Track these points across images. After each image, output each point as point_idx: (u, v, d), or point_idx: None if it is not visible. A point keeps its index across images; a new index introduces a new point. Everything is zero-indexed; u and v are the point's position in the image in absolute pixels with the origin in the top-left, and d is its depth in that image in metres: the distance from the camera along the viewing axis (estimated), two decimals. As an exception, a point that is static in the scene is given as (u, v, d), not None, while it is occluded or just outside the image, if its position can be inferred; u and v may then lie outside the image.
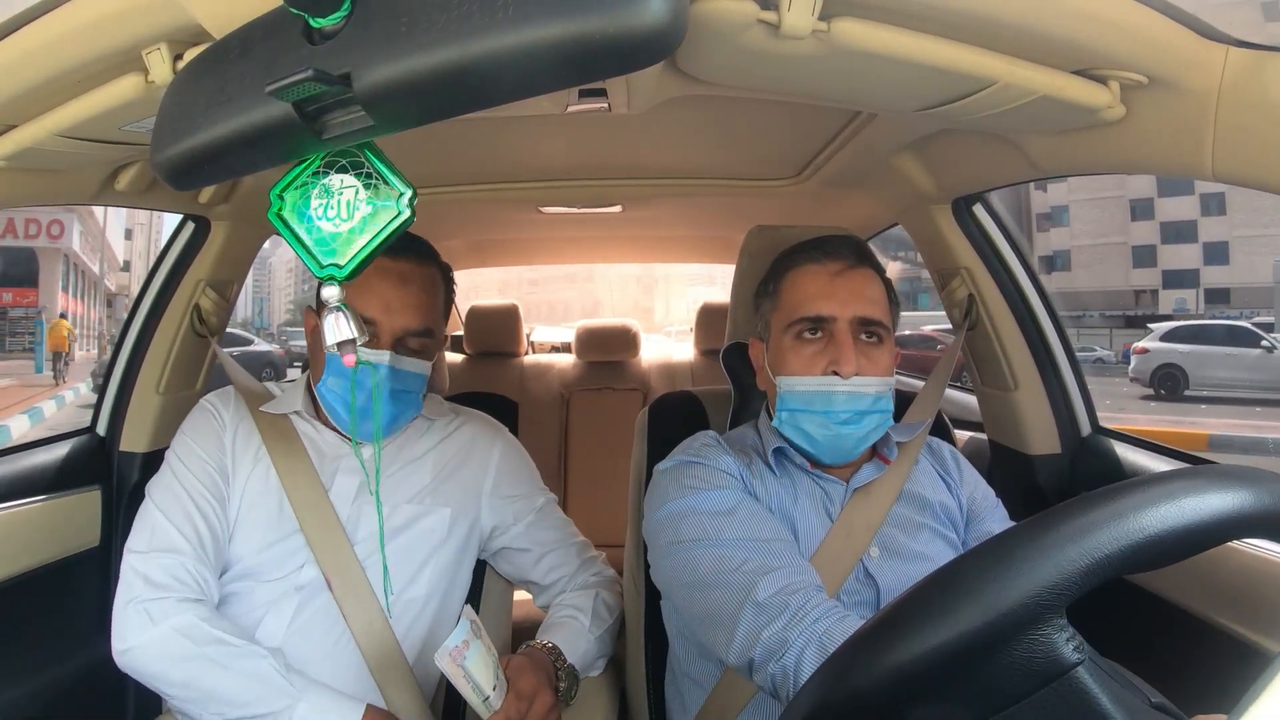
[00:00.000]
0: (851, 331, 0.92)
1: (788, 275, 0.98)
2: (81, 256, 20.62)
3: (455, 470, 1.11)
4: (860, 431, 0.92)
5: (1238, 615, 0.93)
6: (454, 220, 2.20)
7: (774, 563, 0.81)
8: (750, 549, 0.83)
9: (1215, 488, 0.47)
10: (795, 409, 0.93)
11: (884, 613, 0.50)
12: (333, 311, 0.70)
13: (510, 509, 1.13)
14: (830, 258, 0.96)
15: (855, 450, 0.94)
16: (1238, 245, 25.38)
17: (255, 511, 1.02)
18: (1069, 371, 1.37)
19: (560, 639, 1.03)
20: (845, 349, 0.90)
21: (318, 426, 1.07)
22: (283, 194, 0.68)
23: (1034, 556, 0.45)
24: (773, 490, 0.95)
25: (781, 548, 0.85)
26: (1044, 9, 0.68)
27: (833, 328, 0.92)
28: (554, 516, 1.17)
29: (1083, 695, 0.44)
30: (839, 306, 0.92)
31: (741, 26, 0.67)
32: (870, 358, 0.92)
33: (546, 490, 1.19)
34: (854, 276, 0.94)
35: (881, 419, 0.93)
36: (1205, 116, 0.73)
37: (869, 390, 0.91)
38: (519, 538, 1.13)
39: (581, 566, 1.15)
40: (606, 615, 1.11)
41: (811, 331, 0.93)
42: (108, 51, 0.72)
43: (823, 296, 0.93)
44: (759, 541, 0.84)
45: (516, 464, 1.17)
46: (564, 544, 1.16)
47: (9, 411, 9.69)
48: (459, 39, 0.50)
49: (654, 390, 2.67)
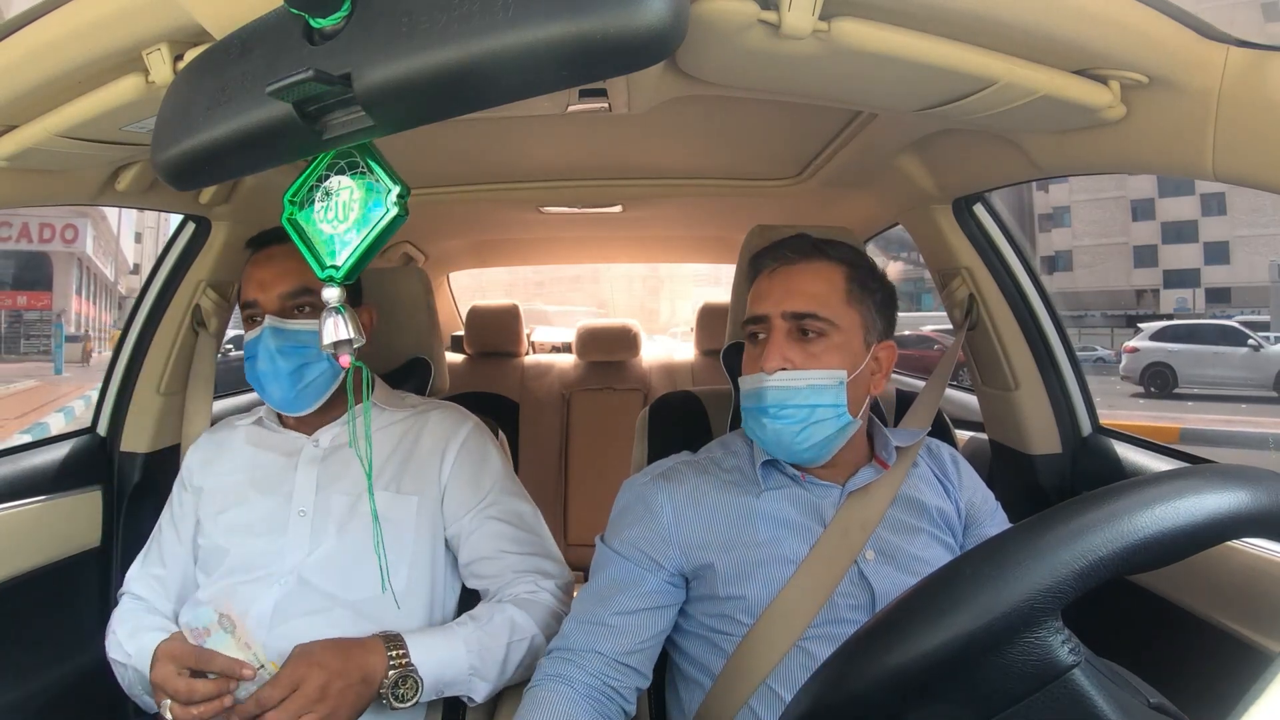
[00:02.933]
0: (783, 328, 0.91)
1: (755, 282, 1.00)
2: (94, 260, 20.73)
3: (420, 458, 1.10)
4: (797, 427, 0.90)
5: (1238, 615, 0.92)
6: (454, 220, 2.20)
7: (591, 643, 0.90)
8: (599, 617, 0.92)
9: (1210, 488, 0.47)
10: (746, 408, 0.94)
11: (879, 616, 0.50)
12: (331, 314, 0.70)
13: (459, 499, 1.09)
14: (774, 258, 0.96)
15: (805, 448, 0.91)
16: (1238, 245, 25.38)
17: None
18: (1069, 371, 1.37)
19: (421, 637, 0.97)
20: (771, 345, 0.91)
21: (278, 429, 1.13)
22: (294, 198, 0.68)
23: (1028, 560, 0.45)
24: (760, 506, 0.95)
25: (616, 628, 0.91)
26: (1044, 9, 0.68)
27: (766, 328, 0.93)
28: (499, 524, 1.09)
29: (1079, 697, 0.44)
30: (771, 304, 0.93)
31: (742, 26, 0.67)
32: (807, 352, 0.91)
33: (507, 491, 1.13)
34: (791, 273, 0.94)
35: (830, 413, 0.90)
36: (1206, 116, 0.73)
37: (797, 384, 0.90)
38: (459, 534, 1.09)
39: (515, 580, 1.07)
40: (504, 634, 1.00)
41: (754, 334, 0.95)
42: (108, 52, 0.72)
43: (759, 297, 0.95)
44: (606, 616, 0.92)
45: (476, 452, 1.13)
46: (496, 558, 1.08)
47: (44, 410, 10.40)
48: (459, 39, 0.50)
49: (655, 390, 2.67)
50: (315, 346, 1.02)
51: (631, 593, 0.93)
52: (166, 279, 1.42)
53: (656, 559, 0.94)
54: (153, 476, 1.39)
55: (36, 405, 11.19)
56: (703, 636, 0.95)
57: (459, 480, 1.10)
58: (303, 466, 1.08)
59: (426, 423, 1.13)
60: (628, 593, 0.93)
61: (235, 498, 1.08)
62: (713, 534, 0.94)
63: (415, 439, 1.11)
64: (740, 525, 0.94)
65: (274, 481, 1.08)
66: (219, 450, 1.14)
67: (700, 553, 0.94)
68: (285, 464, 1.09)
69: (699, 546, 0.94)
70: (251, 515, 1.06)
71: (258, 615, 0.99)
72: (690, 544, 0.94)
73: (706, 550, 0.93)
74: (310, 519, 1.05)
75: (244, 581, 1.02)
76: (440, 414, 1.15)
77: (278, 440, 1.12)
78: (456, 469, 1.11)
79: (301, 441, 1.10)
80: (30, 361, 17.81)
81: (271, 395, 1.07)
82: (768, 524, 0.94)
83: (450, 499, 1.10)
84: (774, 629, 0.89)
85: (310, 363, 1.05)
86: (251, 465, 1.11)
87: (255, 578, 1.02)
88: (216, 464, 1.13)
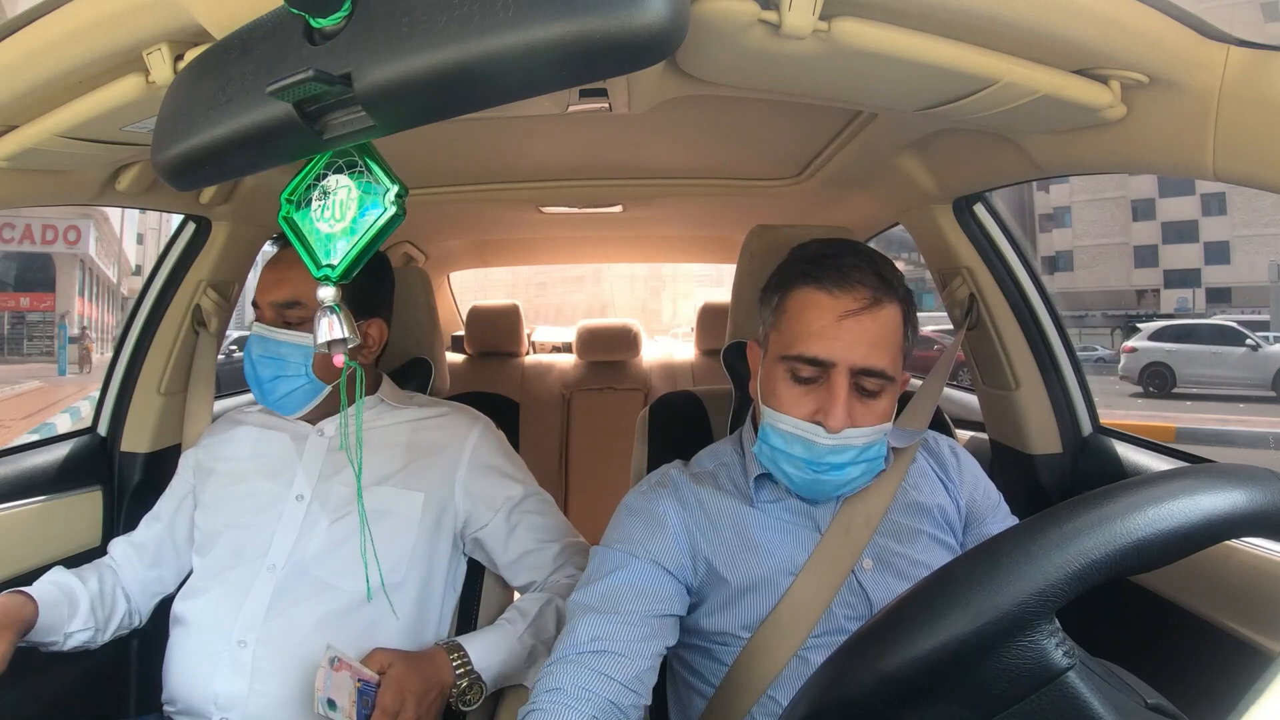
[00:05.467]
0: (849, 382, 0.84)
1: (794, 294, 0.89)
2: (97, 262, 20.74)
3: (429, 456, 1.11)
4: (843, 479, 0.87)
5: (1238, 615, 0.92)
6: (454, 220, 2.20)
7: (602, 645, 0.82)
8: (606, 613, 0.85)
9: (1205, 489, 0.47)
10: (775, 447, 0.87)
11: (873, 621, 0.50)
12: (326, 314, 0.70)
13: (484, 499, 1.11)
14: (845, 291, 0.85)
15: (835, 494, 0.90)
16: (1238, 245, 25.36)
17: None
18: (1070, 371, 1.37)
19: (479, 641, 1.01)
20: (836, 402, 0.83)
21: (290, 418, 1.14)
22: (290, 197, 0.68)
23: (1020, 563, 0.45)
24: (757, 515, 0.93)
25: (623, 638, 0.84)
26: (1045, 8, 0.68)
27: (827, 376, 0.84)
28: (534, 516, 1.12)
29: (1074, 700, 0.44)
30: (841, 351, 0.83)
31: (742, 26, 0.67)
32: (867, 407, 0.85)
33: (529, 483, 1.15)
34: (865, 319, 0.84)
35: (869, 466, 0.87)
36: (1206, 116, 0.73)
37: (855, 442, 0.84)
38: (494, 534, 1.11)
39: (555, 570, 1.10)
40: (551, 626, 1.05)
41: (806, 372, 0.85)
42: (109, 52, 0.72)
43: (825, 338, 0.84)
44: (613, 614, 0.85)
45: (492, 451, 1.14)
46: (539, 549, 1.11)
47: (50, 411, 10.57)
48: (459, 39, 0.50)
49: (655, 390, 2.67)
50: (293, 360, 1.06)
51: (647, 598, 0.87)
52: (167, 279, 1.42)
53: (667, 566, 0.90)
54: (153, 476, 1.39)
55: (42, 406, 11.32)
56: (703, 648, 0.93)
57: (479, 481, 1.11)
58: (308, 453, 1.10)
59: (436, 422, 1.15)
60: (643, 597, 0.86)
61: (238, 478, 1.11)
62: (716, 543, 0.92)
63: (425, 437, 1.12)
64: (740, 535, 0.92)
65: (278, 466, 1.10)
66: (227, 435, 1.16)
67: (704, 561, 0.91)
68: (291, 449, 1.11)
69: (703, 555, 0.91)
70: (252, 497, 1.08)
71: (253, 611, 1.00)
72: (696, 552, 0.91)
73: (711, 558, 0.91)
74: (307, 504, 1.06)
75: (237, 567, 1.04)
76: (451, 414, 1.16)
77: (286, 425, 1.14)
78: (473, 469, 1.12)
79: (308, 429, 1.12)
80: (34, 363, 17.86)
81: (257, 397, 1.10)
82: (765, 534, 0.92)
83: (471, 499, 1.11)
84: (774, 638, 0.88)
85: (284, 375, 1.07)
86: (257, 449, 1.13)
87: (248, 562, 1.04)
88: (225, 447, 1.15)
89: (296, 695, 0.97)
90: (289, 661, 0.98)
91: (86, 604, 1.05)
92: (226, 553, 1.06)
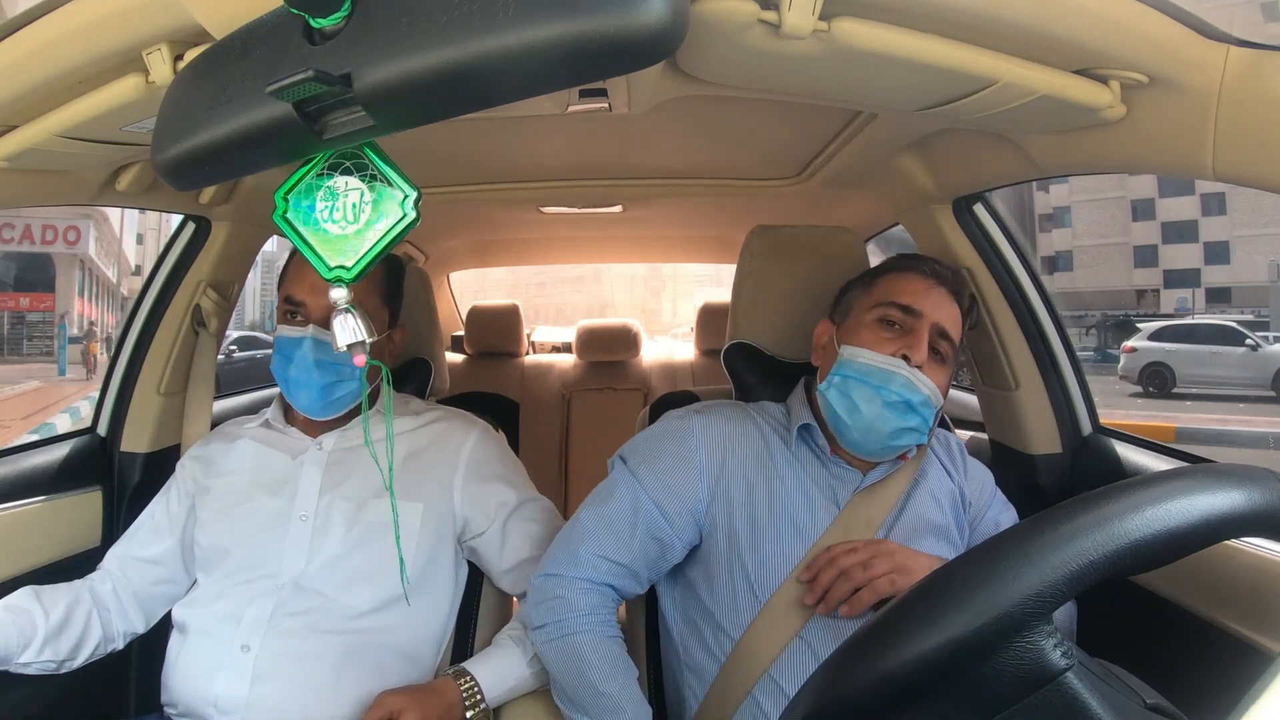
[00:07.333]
0: (930, 334, 0.96)
1: (888, 274, 1.03)
2: (97, 262, 20.73)
3: (427, 464, 1.10)
4: (900, 422, 0.94)
5: (1238, 615, 0.92)
6: (454, 220, 2.20)
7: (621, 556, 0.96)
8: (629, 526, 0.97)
9: (1202, 489, 0.47)
10: (850, 375, 0.96)
11: (872, 621, 0.50)
12: (341, 313, 0.70)
13: (481, 505, 1.10)
14: (934, 274, 1.01)
15: (886, 438, 0.95)
16: (1238, 245, 25.36)
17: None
18: (1070, 371, 1.37)
19: (485, 667, 1.02)
20: (921, 342, 0.95)
21: (285, 430, 1.13)
22: (286, 196, 0.68)
23: (1019, 564, 0.45)
24: (782, 469, 0.98)
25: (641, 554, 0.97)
26: (1045, 8, 0.68)
27: (916, 324, 0.96)
28: (530, 524, 1.12)
29: (1072, 700, 0.44)
30: (930, 308, 0.97)
31: (742, 26, 0.67)
32: (934, 367, 0.96)
33: (525, 490, 1.15)
34: (947, 298, 1.00)
35: (921, 425, 0.95)
36: (1206, 116, 0.73)
37: (923, 389, 0.94)
38: (489, 542, 1.10)
39: None
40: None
41: (897, 318, 0.97)
42: (108, 52, 0.72)
43: (919, 295, 0.98)
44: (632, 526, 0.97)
45: (488, 457, 1.14)
46: (536, 558, 1.09)
47: (50, 411, 10.61)
48: (459, 39, 0.50)
49: (655, 390, 2.67)
50: (347, 362, 1.03)
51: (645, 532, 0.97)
52: (166, 279, 1.41)
53: (682, 498, 0.97)
54: (153, 477, 1.39)
55: (42, 406, 11.34)
56: (702, 625, 0.96)
57: (475, 488, 1.11)
58: (307, 468, 1.08)
59: (433, 430, 1.13)
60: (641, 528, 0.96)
61: (240, 497, 1.09)
62: (740, 472, 0.98)
63: (422, 446, 1.11)
64: (765, 474, 0.98)
65: (278, 482, 1.08)
66: (225, 449, 1.14)
67: (724, 493, 0.97)
68: (291, 465, 1.09)
69: (725, 483, 0.98)
70: (255, 515, 1.06)
71: (255, 619, 1.00)
72: (716, 478, 0.98)
73: (730, 489, 0.97)
74: (311, 523, 1.05)
75: (243, 583, 1.03)
76: (447, 421, 1.15)
77: (284, 441, 1.12)
78: (469, 476, 1.11)
79: (307, 443, 1.11)
80: (34, 363, 17.86)
81: (298, 400, 1.06)
82: (786, 485, 0.97)
83: (468, 507, 1.10)
84: (775, 619, 0.91)
85: (343, 380, 1.05)
86: (256, 465, 1.11)
87: (255, 578, 1.02)
88: (221, 462, 1.13)
89: (296, 701, 0.97)
90: (291, 668, 0.98)
91: (40, 640, 1.00)
92: (233, 569, 1.04)
